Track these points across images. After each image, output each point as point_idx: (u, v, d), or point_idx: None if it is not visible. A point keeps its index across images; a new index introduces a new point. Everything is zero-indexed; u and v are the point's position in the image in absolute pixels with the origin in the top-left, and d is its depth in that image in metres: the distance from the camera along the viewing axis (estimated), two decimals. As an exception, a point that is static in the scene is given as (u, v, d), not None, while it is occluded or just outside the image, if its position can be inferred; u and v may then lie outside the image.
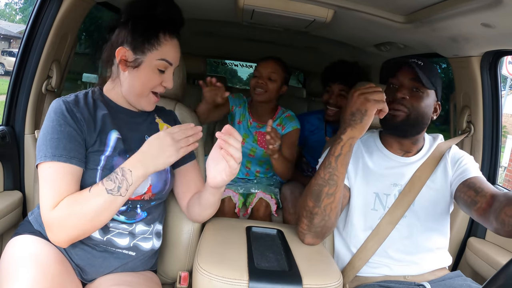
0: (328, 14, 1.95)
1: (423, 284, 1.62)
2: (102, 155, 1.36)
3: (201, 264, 1.30)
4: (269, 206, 2.46)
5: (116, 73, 1.45)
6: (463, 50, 1.99)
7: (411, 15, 1.81)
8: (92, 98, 1.44)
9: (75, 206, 1.23)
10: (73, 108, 1.34)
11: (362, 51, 2.86)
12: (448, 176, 1.71)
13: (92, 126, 1.37)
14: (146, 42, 1.39)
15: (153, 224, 1.52)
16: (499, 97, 2.10)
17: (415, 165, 1.73)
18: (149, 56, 1.40)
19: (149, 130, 1.52)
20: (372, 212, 1.69)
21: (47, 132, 1.30)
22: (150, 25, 1.39)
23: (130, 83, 1.42)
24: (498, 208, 1.37)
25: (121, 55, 1.38)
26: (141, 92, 1.45)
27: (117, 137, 1.41)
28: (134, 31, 1.38)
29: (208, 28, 3.15)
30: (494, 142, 2.16)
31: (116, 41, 1.39)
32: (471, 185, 1.59)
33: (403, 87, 1.65)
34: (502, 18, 1.46)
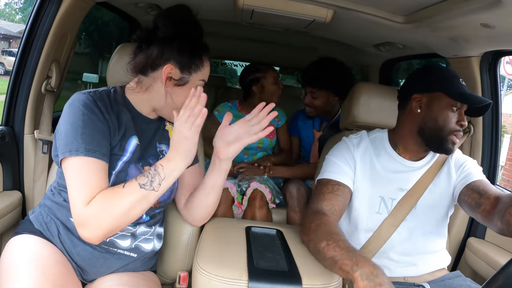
0: (327, 14, 1.94)
1: (423, 284, 1.63)
2: (119, 160, 1.37)
3: (201, 264, 1.30)
4: (264, 196, 2.53)
5: (148, 83, 1.43)
6: (463, 51, 1.99)
7: (410, 15, 1.81)
8: (115, 98, 1.43)
9: (110, 201, 1.22)
10: (101, 107, 1.34)
11: (362, 51, 2.87)
12: (452, 180, 1.71)
13: (117, 129, 1.38)
14: (193, 63, 1.41)
15: (154, 226, 1.52)
16: (498, 97, 2.10)
17: (422, 170, 1.72)
18: (194, 77, 1.43)
19: (161, 137, 1.54)
20: (376, 215, 1.68)
21: (77, 125, 1.27)
22: (196, 46, 1.43)
23: (170, 99, 1.43)
24: (503, 209, 1.38)
25: (168, 72, 1.39)
26: (178, 107, 1.44)
27: (137, 143, 1.42)
28: (182, 51, 1.39)
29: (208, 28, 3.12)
30: (494, 143, 2.15)
31: (160, 57, 1.38)
32: (474, 188, 1.60)
33: (463, 115, 1.62)
34: (502, 19, 1.46)
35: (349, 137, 1.80)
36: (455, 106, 1.58)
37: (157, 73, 1.40)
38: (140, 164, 1.42)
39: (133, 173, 1.38)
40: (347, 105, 2.07)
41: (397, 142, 1.74)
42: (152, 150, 1.48)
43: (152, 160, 1.46)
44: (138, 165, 1.41)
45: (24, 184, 1.93)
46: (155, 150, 1.50)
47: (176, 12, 1.42)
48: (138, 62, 1.41)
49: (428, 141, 1.65)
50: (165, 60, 1.38)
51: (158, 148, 1.51)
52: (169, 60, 1.38)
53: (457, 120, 1.59)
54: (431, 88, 1.63)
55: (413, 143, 1.69)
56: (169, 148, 1.49)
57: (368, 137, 1.78)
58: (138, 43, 1.42)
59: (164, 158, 1.31)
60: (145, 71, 1.41)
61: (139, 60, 1.40)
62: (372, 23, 2.00)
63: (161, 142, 1.52)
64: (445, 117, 1.59)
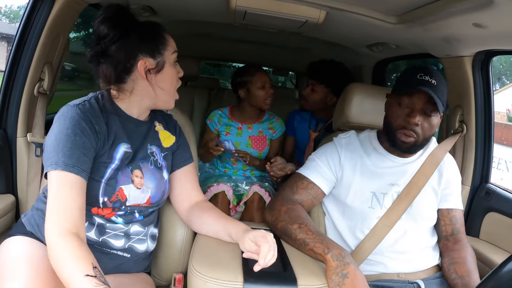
0: (320, 15, 1.94)
1: (417, 282, 1.65)
2: (108, 168, 1.37)
3: (196, 266, 1.30)
4: (263, 199, 2.55)
5: (130, 87, 1.42)
6: (455, 50, 2.00)
7: (403, 15, 1.81)
8: (104, 105, 1.42)
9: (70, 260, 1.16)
10: (92, 119, 1.33)
11: (354, 51, 2.87)
12: (440, 184, 1.78)
13: (106, 139, 1.37)
14: (159, 43, 1.40)
15: (148, 226, 1.52)
16: (491, 96, 2.11)
17: (411, 165, 1.76)
18: (166, 55, 1.42)
19: (152, 139, 1.53)
20: (369, 210, 1.71)
21: (60, 139, 1.27)
22: (150, 26, 1.42)
23: (159, 89, 1.43)
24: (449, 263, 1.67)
25: (144, 67, 1.38)
26: (170, 91, 1.47)
27: (125, 151, 1.41)
28: (143, 39, 1.38)
29: (201, 30, 3.14)
30: (487, 141, 2.17)
31: (128, 57, 1.37)
32: (453, 220, 1.78)
33: (416, 111, 1.62)
34: (494, 18, 1.47)
35: (338, 137, 1.86)
36: (402, 102, 1.64)
37: (134, 75, 1.39)
38: (129, 168, 1.42)
39: (123, 180, 1.39)
40: (339, 106, 2.08)
41: (383, 142, 1.80)
42: (143, 152, 1.48)
43: (142, 162, 1.46)
44: (127, 169, 1.41)
45: (17, 187, 1.91)
46: (146, 152, 1.49)
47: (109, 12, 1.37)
48: (109, 74, 1.37)
49: (387, 140, 1.74)
50: (134, 57, 1.37)
51: (149, 150, 1.50)
52: (137, 55, 1.37)
53: (406, 116, 1.62)
54: (394, 88, 1.73)
55: None
56: (159, 149, 1.52)
57: (357, 137, 1.84)
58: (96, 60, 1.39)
59: None
60: (121, 79, 1.39)
61: (109, 72, 1.37)
62: (365, 24, 2.00)
63: (152, 143, 1.52)
64: (391, 114, 1.69)
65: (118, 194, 1.39)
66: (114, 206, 1.40)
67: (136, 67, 1.38)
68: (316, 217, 1.85)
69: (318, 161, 1.79)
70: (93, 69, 1.41)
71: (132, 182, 1.42)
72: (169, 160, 1.57)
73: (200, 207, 1.59)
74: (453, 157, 2.20)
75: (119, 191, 1.39)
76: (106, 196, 1.36)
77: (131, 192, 1.41)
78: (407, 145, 1.66)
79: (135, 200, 1.43)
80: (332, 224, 1.80)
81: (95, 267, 1.15)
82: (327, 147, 1.83)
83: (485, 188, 2.19)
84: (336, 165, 1.77)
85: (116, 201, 1.39)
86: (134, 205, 1.44)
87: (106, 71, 1.37)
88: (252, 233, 1.37)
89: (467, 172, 2.23)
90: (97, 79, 1.41)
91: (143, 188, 1.45)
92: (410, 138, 1.64)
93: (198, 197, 1.63)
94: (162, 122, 1.60)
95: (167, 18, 2.51)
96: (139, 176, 1.44)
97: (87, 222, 1.38)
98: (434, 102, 1.57)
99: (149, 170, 1.48)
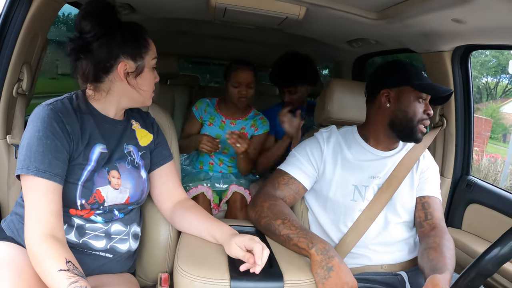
0: (300, 12, 1.94)
1: (400, 273, 1.67)
2: (84, 170, 1.35)
3: (182, 265, 1.30)
4: (244, 197, 2.56)
5: (107, 87, 1.40)
6: (435, 45, 2.02)
7: (383, 11, 1.82)
8: (78, 105, 1.39)
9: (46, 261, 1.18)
10: (63, 119, 1.31)
11: (334, 47, 2.88)
12: (417, 175, 1.83)
13: (80, 140, 1.35)
14: (141, 47, 1.39)
15: (130, 225, 1.51)
16: (470, 90, 2.14)
17: (392, 158, 1.80)
18: (147, 59, 1.41)
19: (128, 138, 1.52)
20: (352, 203, 1.74)
21: (32, 142, 1.25)
22: (135, 28, 1.40)
23: (136, 91, 1.42)
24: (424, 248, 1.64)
25: (124, 69, 1.37)
26: (147, 95, 1.46)
27: (101, 151, 1.40)
28: (126, 40, 1.36)
29: (180, 27, 3.12)
30: (467, 135, 2.21)
31: (109, 57, 1.35)
32: (425, 205, 1.80)
33: (429, 105, 1.73)
34: (472, 14, 1.49)
35: (319, 131, 1.87)
36: (421, 97, 1.69)
37: (112, 75, 1.38)
38: (106, 169, 1.40)
39: (99, 181, 1.38)
40: (320, 102, 2.09)
41: (368, 135, 1.82)
42: (119, 152, 1.46)
43: (119, 163, 1.45)
44: (104, 170, 1.39)
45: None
46: (123, 152, 1.48)
47: (93, 7, 1.35)
48: (87, 72, 1.35)
49: (399, 132, 1.74)
50: (115, 58, 1.35)
51: (126, 150, 1.49)
52: (118, 56, 1.36)
53: (424, 110, 1.70)
54: (398, 82, 1.73)
55: (385, 136, 1.78)
56: (136, 148, 1.50)
57: (338, 131, 1.87)
58: (76, 55, 1.36)
59: None
60: (98, 78, 1.38)
61: (87, 69, 1.35)
62: (345, 20, 2.01)
63: (128, 143, 1.50)
64: (413, 109, 1.69)
65: (96, 196, 1.37)
66: (92, 207, 1.38)
67: (115, 68, 1.36)
68: (300, 212, 1.86)
69: (298, 156, 1.80)
70: (71, 63, 1.39)
71: (109, 183, 1.40)
72: (147, 159, 1.56)
73: (183, 206, 1.58)
74: (434, 150, 2.25)
75: (96, 192, 1.37)
76: (83, 199, 1.35)
77: (108, 193, 1.40)
78: (424, 134, 1.73)
79: (113, 201, 1.42)
80: (315, 219, 1.82)
81: (68, 261, 1.17)
82: (308, 142, 1.85)
83: (466, 180, 2.23)
84: (317, 160, 1.78)
85: (94, 202, 1.38)
86: (112, 204, 1.43)
87: (86, 68, 1.35)
88: (239, 238, 1.35)
89: (448, 165, 2.26)
90: (74, 74, 1.39)
91: (121, 189, 1.43)
92: (425, 128, 1.73)
93: (181, 195, 1.62)
94: (139, 120, 1.59)
95: (147, 16, 2.49)
96: (116, 177, 1.42)
97: (66, 224, 1.36)
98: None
99: (126, 170, 1.46)
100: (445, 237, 1.66)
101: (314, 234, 1.49)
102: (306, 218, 1.86)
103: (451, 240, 1.67)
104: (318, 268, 1.35)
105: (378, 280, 1.66)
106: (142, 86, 1.42)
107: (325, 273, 1.33)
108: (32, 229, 1.20)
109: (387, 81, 1.76)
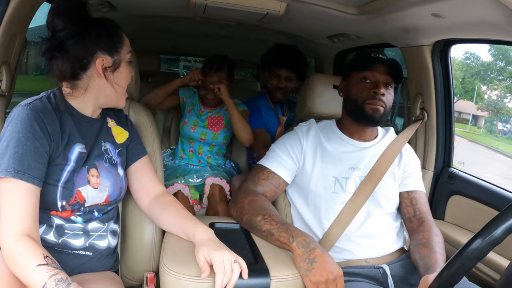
0: (281, 7, 1.95)
1: (382, 266, 1.69)
2: (64, 170, 1.34)
3: (168, 264, 1.30)
4: (223, 188, 2.58)
5: (85, 84, 1.39)
6: (415, 40, 2.04)
7: (363, 6, 1.83)
8: (57, 104, 1.37)
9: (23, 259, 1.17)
10: (44, 119, 1.29)
11: (315, 43, 2.89)
12: (400, 168, 1.85)
13: (60, 140, 1.33)
14: (117, 41, 1.39)
15: (107, 222, 1.50)
16: (450, 83, 2.16)
17: (371, 149, 1.83)
18: (122, 54, 1.41)
19: (105, 136, 1.51)
20: (333, 195, 1.75)
21: (10, 143, 1.23)
22: (108, 24, 1.39)
23: (113, 87, 1.41)
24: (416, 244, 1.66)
25: (102, 64, 1.36)
26: (121, 92, 1.45)
27: (80, 151, 1.38)
28: (101, 36, 1.35)
29: (160, 24, 3.10)
30: (448, 127, 2.23)
31: (85, 53, 1.34)
32: (413, 201, 1.83)
33: (380, 83, 1.72)
34: (452, 8, 1.49)
35: (298, 125, 1.90)
36: (364, 78, 1.74)
37: (89, 71, 1.37)
38: (86, 167, 1.39)
39: (79, 182, 1.36)
40: (302, 97, 2.11)
41: (342, 128, 1.86)
42: (97, 150, 1.45)
43: (97, 161, 1.44)
44: (83, 169, 1.38)
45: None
46: (100, 150, 1.47)
47: (64, 5, 1.33)
48: (64, 70, 1.33)
49: (353, 117, 1.80)
50: (92, 54, 1.35)
51: (103, 147, 1.48)
52: (95, 52, 1.35)
53: (371, 89, 1.71)
54: (346, 72, 1.83)
55: (351, 124, 1.83)
56: (113, 146, 1.49)
57: (317, 124, 1.89)
58: (51, 54, 1.34)
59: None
60: (76, 76, 1.36)
61: (64, 68, 1.33)
62: (325, 15, 2.02)
63: (105, 140, 1.49)
64: (356, 90, 1.75)
65: (76, 196, 1.36)
66: (73, 208, 1.37)
67: (93, 64, 1.35)
68: (283, 208, 1.87)
69: (278, 151, 1.82)
70: (45, 63, 1.36)
71: (89, 183, 1.39)
72: (123, 156, 1.55)
73: (160, 204, 1.56)
74: (416, 143, 2.27)
75: (77, 193, 1.36)
76: (64, 200, 1.34)
77: (89, 193, 1.39)
78: (378, 114, 1.72)
79: (93, 200, 1.41)
80: (297, 214, 1.83)
81: (46, 256, 1.17)
82: (287, 137, 1.87)
83: (448, 172, 2.25)
84: (297, 153, 1.80)
85: (75, 203, 1.37)
86: (93, 205, 1.42)
87: (62, 66, 1.33)
88: (207, 249, 1.30)
89: (429, 158, 2.29)
90: (49, 74, 1.37)
91: (100, 187, 1.43)
92: (380, 108, 1.71)
93: (158, 189, 1.61)
94: (114, 118, 1.58)
95: (126, 13, 2.46)
96: (95, 175, 1.41)
97: (45, 224, 1.36)
98: (391, 74, 1.74)
99: (105, 168, 1.46)
100: (433, 232, 1.69)
101: (295, 227, 1.50)
102: (289, 213, 1.87)
103: (439, 233, 1.71)
104: (301, 262, 1.36)
105: (360, 273, 1.68)
106: (119, 81, 1.42)
107: (308, 265, 1.34)
108: (8, 230, 1.19)
109: (343, 74, 1.90)
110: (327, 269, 1.33)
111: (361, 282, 1.64)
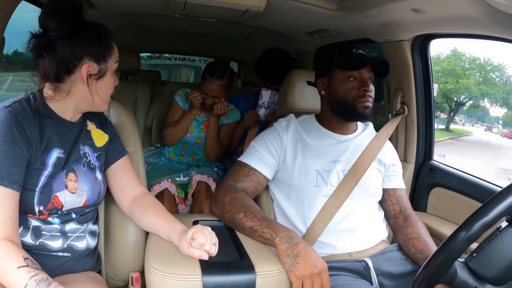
0: (261, 4, 1.94)
1: (364, 260, 1.70)
2: (41, 175, 1.32)
3: (152, 263, 1.29)
4: (209, 186, 2.58)
5: (67, 88, 1.36)
6: (395, 35, 2.05)
7: (343, 2, 1.84)
8: (36, 107, 1.35)
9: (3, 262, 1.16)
10: (23, 123, 1.27)
11: (295, 38, 2.89)
12: (381, 163, 1.87)
13: (39, 145, 1.32)
14: (106, 50, 1.36)
15: (86, 223, 1.49)
16: (430, 78, 2.19)
17: (352, 142, 1.85)
18: (110, 63, 1.39)
19: (84, 139, 1.49)
20: (315, 188, 1.76)
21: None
22: (99, 31, 1.37)
23: (96, 95, 1.39)
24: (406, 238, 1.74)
25: (87, 71, 1.33)
26: (107, 99, 1.44)
27: (58, 156, 1.37)
28: (91, 42, 1.33)
29: (140, 22, 3.07)
30: (428, 121, 2.25)
31: (72, 57, 1.31)
32: (399, 199, 1.89)
33: (367, 81, 1.75)
34: (431, 3, 1.51)
35: (278, 121, 1.90)
36: (351, 76, 1.75)
37: (74, 76, 1.34)
38: (64, 171, 1.38)
39: (57, 187, 1.35)
40: (282, 94, 2.12)
41: (323, 123, 1.88)
42: (75, 154, 1.43)
43: (76, 165, 1.42)
44: (61, 173, 1.37)
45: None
46: (79, 153, 1.45)
47: (60, 5, 1.31)
48: (49, 71, 1.31)
49: (342, 115, 1.82)
50: (79, 59, 1.32)
51: (82, 151, 1.46)
52: (82, 57, 1.33)
53: (360, 87, 1.74)
54: (326, 69, 1.82)
55: (334, 120, 1.85)
56: (92, 149, 1.48)
57: (297, 119, 1.90)
58: (38, 52, 1.32)
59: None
60: (60, 78, 1.34)
61: (49, 68, 1.31)
62: (305, 11, 2.02)
63: (84, 144, 1.48)
64: (343, 89, 1.76)
65: (54, 202, 1.35)
66: (50, 213, 1.36)
67: (78, 69, 1.33)
68: (265, 204, 1.88)
69: (258, 147, 1.82)
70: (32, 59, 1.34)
71: (66, 188, 1.38)
72: (102, 160, 1.54)
73: (140, 206, 1.55)
74: (397, 137, 2.30)
75: (55, 198, 1.35)
76: (41, 205, 1.33)
77: (66, 198, 1.38)
78: (368, 110, 1.76)
79: (71, 205, 1.40)
80: (280, 210, 1.83)
81: (26, 258, 1.17)
82: (267, 132, 1.87)
83: (429, 165, 2.28)
84: (277, 148, 1.80)
85: (52, 208, 1.35)
86: (70, 209, 1.41)
87: (48, 66, 1.30)
88: (188, 233, 1.32)
89: (410, 151, 2.31)
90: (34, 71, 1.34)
91: (78, 192, 1.41)
92: (370, 104, 1.75)
93: (138, 190, 1.59)
94: (94, 120, 1.56)
95: (105, 11, 2.43)
96: (73, 180, 1.40)
97: (22, 226, 1.34)
98: (375, 69, 1.78)
99: (83, 172, 1.44)
100: (419, 226, 1.77)
101: (277, 223, 1.52)
102: (272, 209, 1.87)
103: (424, 226, 1.79)
104: (285, 257, 1.37)
105: (343, 267, 1.69)
106: (100, 91, 1.39)
107: (292, 260, 1.36)
108: None
109: (319, 70, 1.89)
110: (311, 263, 1.35)
111: (344, 276, 1.65)
